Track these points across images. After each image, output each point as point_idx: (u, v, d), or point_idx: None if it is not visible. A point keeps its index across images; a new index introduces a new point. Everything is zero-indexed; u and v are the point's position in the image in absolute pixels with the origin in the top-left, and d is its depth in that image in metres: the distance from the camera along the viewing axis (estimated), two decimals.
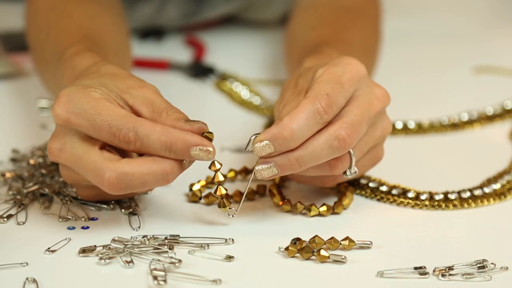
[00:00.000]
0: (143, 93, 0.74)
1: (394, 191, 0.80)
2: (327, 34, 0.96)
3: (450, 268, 0.69)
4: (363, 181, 0.81)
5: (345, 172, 0.75)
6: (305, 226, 0.76)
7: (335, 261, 0.70)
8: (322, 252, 0.70)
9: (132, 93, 0.73)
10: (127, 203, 0.78)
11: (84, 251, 0.71)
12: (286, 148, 0.72)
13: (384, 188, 0.81)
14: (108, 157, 0.70)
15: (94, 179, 0.70)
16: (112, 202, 0.77)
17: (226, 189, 0.74)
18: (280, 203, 0.78)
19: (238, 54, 1.21)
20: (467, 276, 0.69)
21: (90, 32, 0.91)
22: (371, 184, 0.81)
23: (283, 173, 0.73)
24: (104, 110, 0.71)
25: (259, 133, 0.72)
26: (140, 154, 0.72)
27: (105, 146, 0.71)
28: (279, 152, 0.72)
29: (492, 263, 0.70)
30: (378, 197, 0.80)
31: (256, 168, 0.72)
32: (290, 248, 0.71)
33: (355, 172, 0.75)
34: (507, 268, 0.69)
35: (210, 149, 0.71)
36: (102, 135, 0.70)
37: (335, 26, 0.99)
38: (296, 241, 0.72)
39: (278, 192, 0.79)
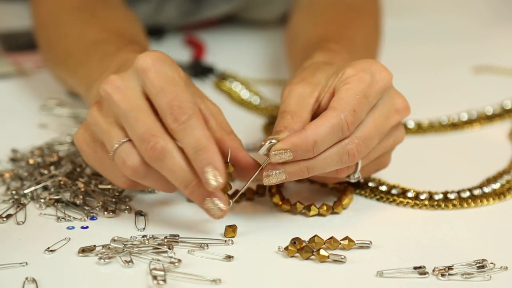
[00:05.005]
0: (214, 107, 0.75)
1: (393, 191, 0.80)
2: (330, 31, 0.96)
3: (450, 267, 0.69)
4: (362, 180, 0.81)
5: (348, 176, 0.75)
6: (304, 226, 0.76)
7: (335, 261, 0.70)
8: (322, 252, 0.70)
9: (205, 102, 0.75)
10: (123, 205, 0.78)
11: (83, 250, 0.71)
12: (304, 158, 0.71)
13: (383, 188, 0.81)
14: (161, 126, 0.70)
15: (140, 135, 0.70)
16: (112, 207, 0.78)
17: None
18: (280, 202, 0.78)
19: (238, 53, 1.21)
20: (467, 275, 0.69)
21: (132, 34, 0.92)
22: (370, 184, 0.81)
23: (290, 179, 0.73)
24: (180, 84, 0.71)
25: (273, 138, 0.71)
26: None
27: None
28: (295, 159, 0.71)
29: (491, 263, 0.70)
30: (378, 196, 0.80)
31: (265, 174, 0.72)
32: (289, 248, 0.71)
33: (359, 177, 0.76)
34: (507, 267, 0.69)
35: (219, 179, 0.69)
36: (163, 100, 0.70)
37: (337, 24, 0.99)
38: (296, 241, 0.72)
39: (277, 192, 0.79)
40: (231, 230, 0.73)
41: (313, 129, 0.71)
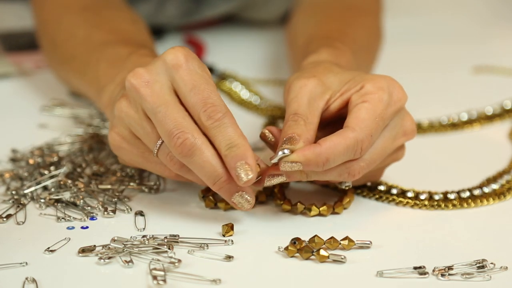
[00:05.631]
0: None
1: (393, 191, 0.80)
2: (333, 29, 0.96)
3: (450, 268, 0.69)
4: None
5: (340, 183, 0.76)
6: (304, 226, 0.76)
7: (335, 261, 0.70)
8: (322, 252, 0.70)
9: None
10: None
11: (83, 251, 0.71)
12: (311, 170, 0.71)
13: (382, 188, 0.81)
14: (191, 122, 0.71)
15: (168, 132, 0.70)
16: (112, 207, 0.78)
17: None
18: (280, 202, 0.78)
19: (238, 53, 1.21)
20: (467, 275, 0.69)
21: (140, 38, 0.92)
22: (368, 184, 0.81)
23: (289, 180, 0.73)
24: (211, 83, 0.71)
25: (287, 148, 0.71)
26: None
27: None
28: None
29: (491, 263, 0.70)
30: (377, 196, 0.80)
31: (267, 178, 0.73)
32: (289, 248, 0.71)
33: (349, 185, 0.76)
34: (507, 267, 0.69)
35: (250, 174, 0.69)
36: (196, 97, 0.71)
37: (340, 22, 0.99)
38: (296, 241, 0.72)
39: (280, 193, 0.79)
40: (228, 228, 0.73)
41: (328, 147, 0.70)
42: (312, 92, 0.75)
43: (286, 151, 0.71)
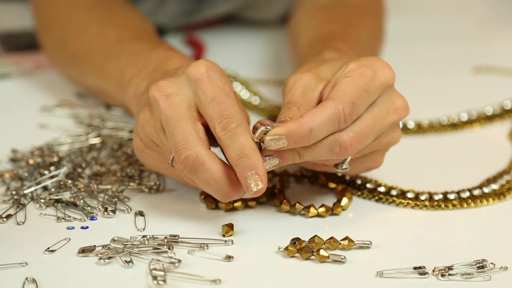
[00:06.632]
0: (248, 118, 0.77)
1: (393, 192, 0.80)
2: (337, 29, 0.96)
3: (450, 268, 0.69)
4: (358, 181, 0.81)
5: (336, 166, 0.75)
6: (304, 226, 0.76)
7: (335, 261, 0.70)
8: (322, 252, 0.70)
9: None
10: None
11: (83, 251, 0.71)
12: (298, 145, 0.71)
13: (382, 189, 0.81)
14: (202, 137, 0.71)
15: (174, 146, 0.71)
16: (112, 207, 0.78)
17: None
18: (280, 202, 0.78)
19: (238, 53, 1.21)
20: (467, 276, 0.69)
21: (152, 32, 0.94)
22: (368, 185, 0.81)
23: (283, 163, 0.72)
24: (231, 95, 0.72)
25: (268, 125, 0.71)
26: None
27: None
28: (289, 147, 0.71)
29: (491, 263, 0.70)
30: (377, 197, 0.80)
31: None
32: (289, 248, 0.71)
33: (346, 169, 0.75)
34: (507, 268, 0.69)
35: (260, 185, 0.69)
36: (214, 109, 0.71)
37: (343, 22, 0.99)
38: (296, 241, 0.72)
39: (281, 193, 0.79)
40: (228, 228, 0.73)
41: (309, 116, 0.70)
42: (306, 84, 0.75)
43: (268, 127, 0.71)
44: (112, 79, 0.89)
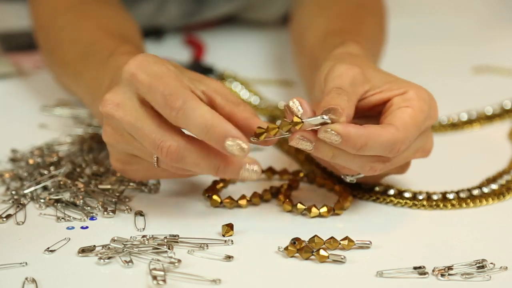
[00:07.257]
0: (215, 84, 0.74)
1: (390, 192, 0.80)
2: (348, 25, 0.95)
3: (450, 268, 0.69)
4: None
5: (345, 175, 0.76)
6: (304, 226, 0.76)
7: (335, 261, 0.70)
8: (322, 252, 0.70)
9: (205, 82, 0.73)
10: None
11: (83, 251, 0.71)
12: (343, 148, 0.70)
13: (378, 189, 0.81)
14: (168, 127, 0.70)
15: (152, 145, 0.70)
16: (112, 207, 0.78)
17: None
18: (281, 201, 0.78)
19: (238, 53, 1.21)
20: (467, 276, 0.69)
21: (125, 33, 0.91)
22: (363, 186, 0.81)
23: (314, 152, 0.71)
24: (169, 74, 0.70)
25: (329, 118, 0.69)
26: None
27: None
28: (336, 146, 0.70)
29: (491, 263, 0.70)
30: (373, 197, 0.80)
31: (296, 136, 0.70)
32: (289, 248, 0.71)
33: (353, 180, 0.76)
34: (507, 268, 0.69)
35: (244, 145, 0.68)
36: (155, 95, 0.69)
37: (352, 19, 0.98)
38: (296, 241, 0.72)
39: (286, 195, 0.79)
40: (228, 228, 0.73)
41: (372, 132, 0.70)
42: (355, 78, 0.74)
43: (326, 117, 0.70)
44: (86, 95, 0.88)
